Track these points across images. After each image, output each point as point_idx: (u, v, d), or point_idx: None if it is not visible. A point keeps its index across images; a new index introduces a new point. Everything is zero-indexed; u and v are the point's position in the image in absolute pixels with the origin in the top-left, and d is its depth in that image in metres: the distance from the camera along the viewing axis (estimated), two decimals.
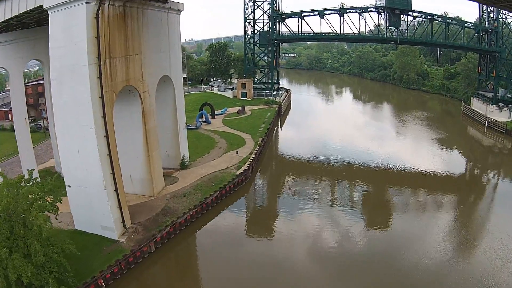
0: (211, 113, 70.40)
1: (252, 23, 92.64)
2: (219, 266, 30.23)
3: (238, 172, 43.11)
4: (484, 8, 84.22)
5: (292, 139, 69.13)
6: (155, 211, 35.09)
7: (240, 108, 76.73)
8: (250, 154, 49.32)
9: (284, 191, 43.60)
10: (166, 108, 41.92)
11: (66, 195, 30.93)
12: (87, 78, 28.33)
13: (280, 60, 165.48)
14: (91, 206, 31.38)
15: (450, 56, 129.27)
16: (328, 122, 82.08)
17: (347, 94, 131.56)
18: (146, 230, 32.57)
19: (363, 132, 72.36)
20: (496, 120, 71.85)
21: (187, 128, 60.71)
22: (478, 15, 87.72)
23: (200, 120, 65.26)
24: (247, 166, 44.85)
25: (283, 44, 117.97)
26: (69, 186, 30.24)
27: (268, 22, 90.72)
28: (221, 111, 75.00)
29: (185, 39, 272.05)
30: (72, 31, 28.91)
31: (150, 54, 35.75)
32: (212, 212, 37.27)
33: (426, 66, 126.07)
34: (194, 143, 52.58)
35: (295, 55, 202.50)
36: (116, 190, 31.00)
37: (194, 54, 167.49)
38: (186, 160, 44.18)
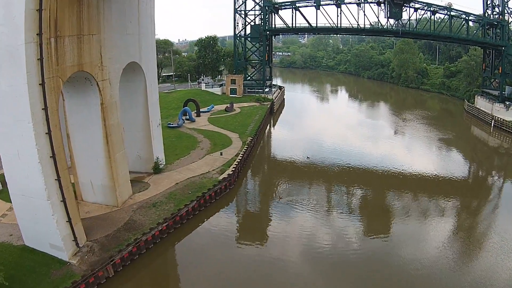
0: (196, 111, 64.11)
1: (243, 15, 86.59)
2: None
3: (221, 178, 36.75)
4: (489, 2, 79.41)
5: (284, 139, 63.13)
6: (117, 225, 28.91)
7: (228, 105, 70.50)
8: (237, 155, 42.99)
9: (275, 199, 37.35)
10: (136, 102, 35.67)
11: None
12: (23, 59, 22.22)
13: (274, 58, 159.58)
14: (37, 220, 25.33)
15: (450, 54, 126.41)
16: (323, 121, 76.40)
17: (343, 93, 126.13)
18: (104, 250, 26.43)
19: (360, 132, 66.62)
20: (503, 119, 67.15)
21: (169, 127, 54.80)
22: (482, 10, 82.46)
23: (183, 118, 59.07)
24: (231, 170, 38.51)
25: (277, 43, 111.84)
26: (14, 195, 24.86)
27: (260, 14, 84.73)
28: (207, 109, 68.77)
29: (178, 39, 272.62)
30: (12, 4, 22.84)
31: (113, 36, 29.51)
32: (187, 227, 30.93)
33: (425, 64, 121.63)
34: (173, 143, 46.43)
35: (289, 53, 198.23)
36: (63, 200, 24.84)
37: (185, 54, 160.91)
38: (160, 163, 37.94)
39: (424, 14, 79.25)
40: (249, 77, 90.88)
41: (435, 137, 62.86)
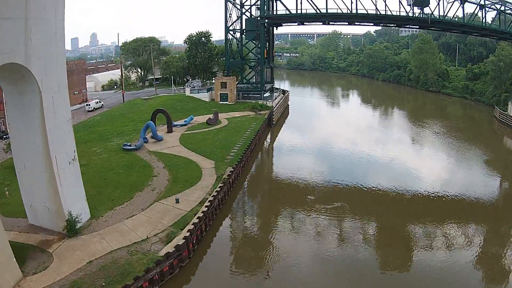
0: (167, 124, 49.52)
1: (237, 5, 72.41)
2: None
3: (164, 252, 22.49)
4: None
5: (283, 165, 46.32)
6: None
7: (211, 116, 56.00)
8: (201, 204, 28.43)
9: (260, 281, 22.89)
10: (30, 127, 22.38)
11: None
12: None
13: (280, 59, 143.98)
14: None
15: (470, 54, 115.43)
16: (333, 135, 61.60)
17: (355, 98, 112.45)
18: None
19: (378, 151, 51.84)
20: None
21: (124, 149, 41.44)
22: None
23: (148, 136, 45.53)
24: (184, 236, 23.94)
25: (285, 44, 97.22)
26: None
27: (257, 2, 70.21)
28: (185, 121, 54.26)
29: (183, 41, 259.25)
30: None
31: None
32: None
33: (445, 65, 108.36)
34: (116, 179, 32.66)
35: (297, 54, 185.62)
36: None
37: (176, 55, 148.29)
38: (78, 218, 24.19)
39: (453, 2, 65.41)
40: (245, 80, 77.04)
41: (463, 151, 52.47)
